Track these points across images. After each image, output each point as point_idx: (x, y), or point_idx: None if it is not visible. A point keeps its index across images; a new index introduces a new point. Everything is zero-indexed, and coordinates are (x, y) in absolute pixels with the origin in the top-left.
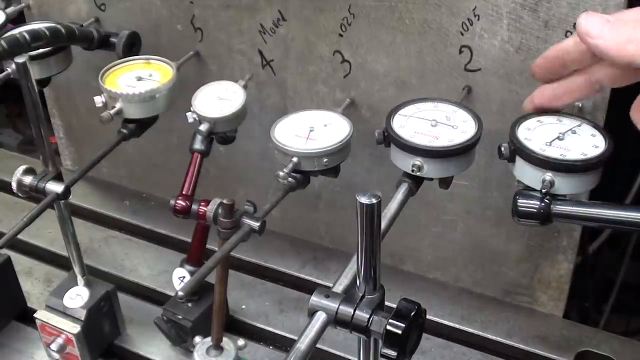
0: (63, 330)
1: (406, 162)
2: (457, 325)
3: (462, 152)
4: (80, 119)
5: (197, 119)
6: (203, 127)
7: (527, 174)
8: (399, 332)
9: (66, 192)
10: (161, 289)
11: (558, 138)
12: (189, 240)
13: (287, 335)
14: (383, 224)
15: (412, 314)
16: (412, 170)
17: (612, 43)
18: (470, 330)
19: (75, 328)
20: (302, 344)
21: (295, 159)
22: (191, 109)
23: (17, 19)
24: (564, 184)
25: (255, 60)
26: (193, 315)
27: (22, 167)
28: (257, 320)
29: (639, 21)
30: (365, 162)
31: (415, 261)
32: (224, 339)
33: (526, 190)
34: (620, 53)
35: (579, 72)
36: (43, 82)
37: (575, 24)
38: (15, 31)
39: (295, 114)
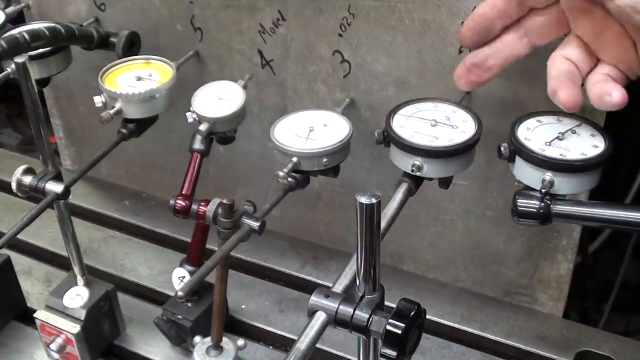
0: (63, 330)
1: (406, 162)
2: (456, 325)
3: (462, 152)
4: (80, 119)
5: (196, 119)
6: (203, 127)
7: (526, 174)
8: (399, 332)
9: (66, 192)
10: (161, 289)
11: (558, 138)
12: (189, 240)
13: (287, 335)
14: (383, 224)
15: (412, 313)
16: (412, 170)
17: None
18: (470, 330)
19: (75, 328)
20: (302, 344)
21: (295, 159)
22: (191, 108)
23: (17, 19)
24: (563, 184)
25: (255, 60)
26: (193, 315)
27: (22, 167)
28: (256, 320)
29: None
30: (365, 162)
31: (415, 261)
32: (224, 338)
33: (526, 190)
34: None
35: (506, 30)
36: (43, 82)
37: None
38: (15, 31)
39: (295, 114)
